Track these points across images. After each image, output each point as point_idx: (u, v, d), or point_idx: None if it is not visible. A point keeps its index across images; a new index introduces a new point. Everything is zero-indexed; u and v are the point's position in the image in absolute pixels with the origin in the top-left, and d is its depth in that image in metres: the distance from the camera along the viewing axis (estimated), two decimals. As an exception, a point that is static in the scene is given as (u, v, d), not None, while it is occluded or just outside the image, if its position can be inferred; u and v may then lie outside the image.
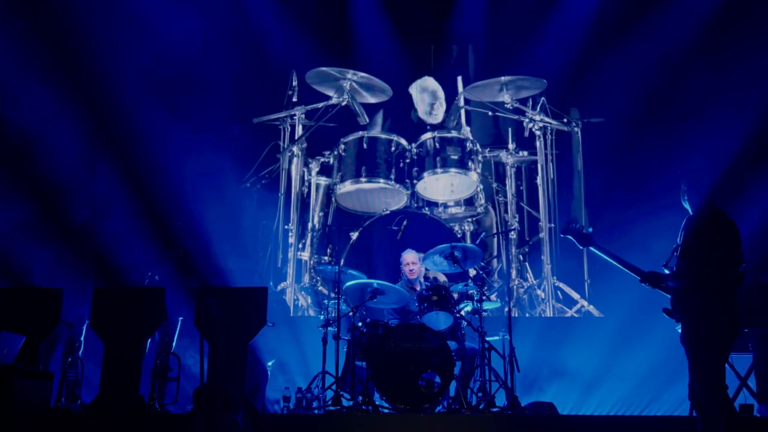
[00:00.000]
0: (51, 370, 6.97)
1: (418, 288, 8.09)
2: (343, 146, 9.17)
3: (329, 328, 7.48)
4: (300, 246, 9.37)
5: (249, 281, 8.88)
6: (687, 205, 5.82)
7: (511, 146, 9.82)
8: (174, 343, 7.63)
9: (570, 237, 6.20)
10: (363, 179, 9.00)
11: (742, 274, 5.57)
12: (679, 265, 5.60)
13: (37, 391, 6.42)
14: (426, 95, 9.83)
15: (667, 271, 5.76)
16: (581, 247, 6.17)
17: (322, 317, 7.79)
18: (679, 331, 5.65)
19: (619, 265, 5.90)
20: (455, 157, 9.01)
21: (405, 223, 8.41)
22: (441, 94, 9.87)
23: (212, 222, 9.21)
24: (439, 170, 9.00)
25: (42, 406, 6.48)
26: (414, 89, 9.96)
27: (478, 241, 8.68)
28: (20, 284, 7.77)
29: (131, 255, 7.86)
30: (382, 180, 9.00)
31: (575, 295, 9.13)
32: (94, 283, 7.85)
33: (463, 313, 7.61)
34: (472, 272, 8.45)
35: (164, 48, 9.67)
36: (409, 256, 8.25)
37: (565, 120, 9.86)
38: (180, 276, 7.85)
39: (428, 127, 9.67)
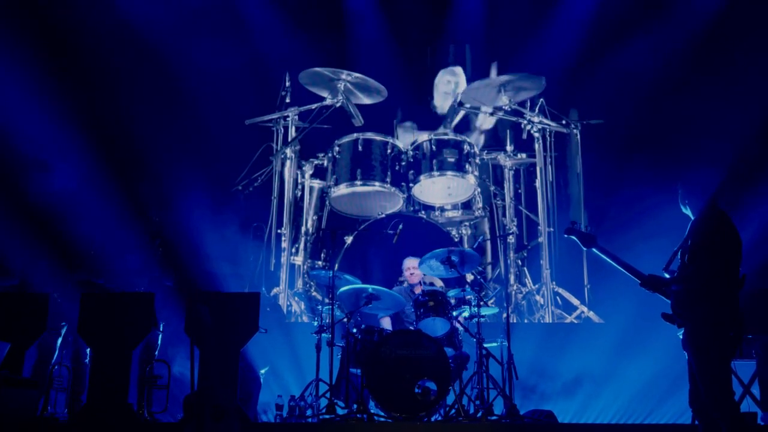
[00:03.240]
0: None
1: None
2: (337, 148, 9.06)
3: (323, 335, 7.38)
4: (293, 250, 9.28)
5: (238, 286, 8.77)
6: (687, 210, 5.74)
7: (509, 148, 9.69)
8: (158, 348, 7.47)
9: (573, 237, 6.11)
10: (358, 182, 8.90)
11: (742, 279, 5.48)
12: (685, 269, 5.50)
13: (22, 399, 6.28)
14: (448, 76, 9.69)
15: (667, 275, 5.67)
16: (584, 248, 6.08)
17: (315, 323, 7.69)
18: (681, 336, 5.54)
19: (620, 267, 5.84)
20: (452, 160, 8.90)
21: (401, 226, 8.34)
22: (460, 77, 9.70)
23: (201, 225, 9.09)
24: (435, 173, 8.87)
25: (26, 415, 6.32)
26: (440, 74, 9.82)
27: (475, 246, 8.58)
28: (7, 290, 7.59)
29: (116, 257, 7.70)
30: (377, 183, 8.89)
31: (575, 301, 9.04)
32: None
33: (461, 319, 7.48)
34: (469, 277, 8.33)
35: (155, 47, 9.57)
36: (411, 261, 8.15)
37: (564, 122, 9.77)
38: (160, 273, 7.70)
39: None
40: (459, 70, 9.88)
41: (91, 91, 9.54)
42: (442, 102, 9.72)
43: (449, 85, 9.82)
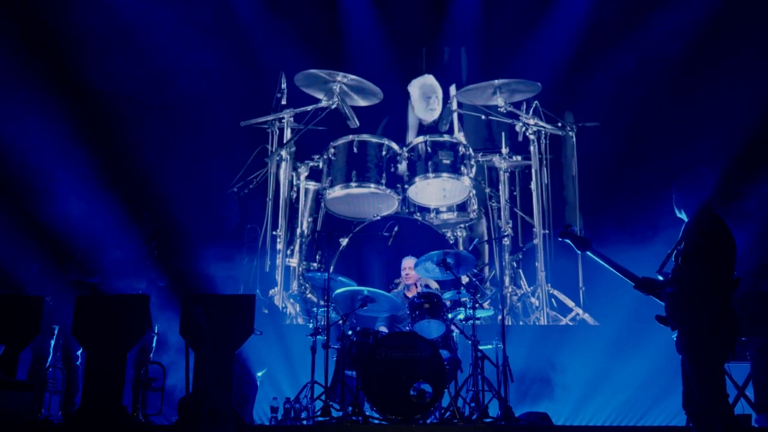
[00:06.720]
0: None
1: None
2: (332, 150, 9.04)
3: (318, 337, 7.36)
4: (288, 252, 9.25)
5: (233, 288, 8.73)
6: (682, 214, 5.73)
7: (504, 150, 9.69)
8: (152, 351, 7.46)
9: (568, 241, 6.08)
10: (353, 184, 8.88)
11: (736, 281, 5.48)
12: (679, 271, 5.49)
13: (16, 402, 6.25)
14: (425, 90, 9.70)
15: (661, 278, 5.67)
16: (578, 252, 6.06)
17: (311, 325, 7.67)
18: (675, 339, 5.54)
19: (614, 270, 5.80)
20: (447, 162, 8.89)
21: (396, 228, 8.30)
22: (439, 91, 9.74)
23: (195, 227, 9.08)
24: (431, 175, 8.86)
25: (21, 417, 6.29)
26: (413, 86, 9.82)
27: (471, 248, 8.57)
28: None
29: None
30: (372, 185, 8.87)
31: (570, 303, 9.03)
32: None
33: (456, 321, 7.47)
34: (464, 279, 8.31)
35: (150, 49, 9.56)
36: (408, 261, 8.15)
37: (559, 124, 9.78)
38: (156, 275, 7.69)
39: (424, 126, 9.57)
40: (429, 77, 9.84)
41: (84, 93, 9.51)
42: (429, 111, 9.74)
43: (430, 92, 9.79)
